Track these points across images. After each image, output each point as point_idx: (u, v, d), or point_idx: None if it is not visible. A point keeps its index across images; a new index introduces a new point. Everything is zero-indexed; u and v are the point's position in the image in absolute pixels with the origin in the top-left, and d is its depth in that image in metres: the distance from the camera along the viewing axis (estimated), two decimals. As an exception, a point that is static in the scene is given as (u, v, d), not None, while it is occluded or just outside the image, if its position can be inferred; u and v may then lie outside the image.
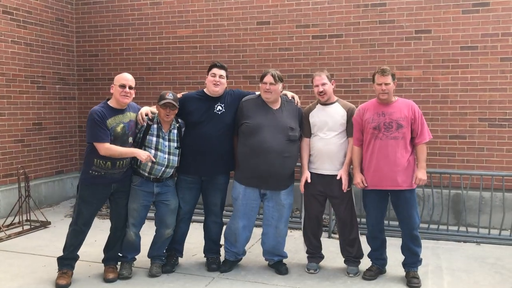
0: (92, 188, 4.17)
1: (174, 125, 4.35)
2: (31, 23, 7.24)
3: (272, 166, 4.22)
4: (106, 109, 4.09)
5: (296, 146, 4.42)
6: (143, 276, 4.45)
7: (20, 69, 7.06)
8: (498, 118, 6.27)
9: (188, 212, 4.57)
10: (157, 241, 4.52)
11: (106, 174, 4.14)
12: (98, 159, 4.08)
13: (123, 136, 4.13)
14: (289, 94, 4.57)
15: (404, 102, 4.28)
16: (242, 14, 7.21)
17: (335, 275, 4.50)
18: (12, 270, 4.64)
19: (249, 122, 4.29)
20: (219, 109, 4.40)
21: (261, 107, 4.35)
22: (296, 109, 4.48)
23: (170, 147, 4.30)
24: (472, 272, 4.62)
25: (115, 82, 4.13)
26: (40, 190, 7.30)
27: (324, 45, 6.89)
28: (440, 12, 6.41)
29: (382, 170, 4.17)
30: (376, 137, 4.19)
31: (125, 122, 4.15)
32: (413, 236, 4.27)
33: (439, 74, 6.47)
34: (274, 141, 4.22)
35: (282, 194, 4.38)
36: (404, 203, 4.23)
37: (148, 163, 4.21)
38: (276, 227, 4.45)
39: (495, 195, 5.98)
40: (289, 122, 4.32)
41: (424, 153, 4.22)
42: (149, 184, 4.31)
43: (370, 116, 4.24)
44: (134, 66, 7.79)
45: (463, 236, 5.68)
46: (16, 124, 7.01)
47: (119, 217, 4.37)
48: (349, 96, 6.64)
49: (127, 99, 4.13)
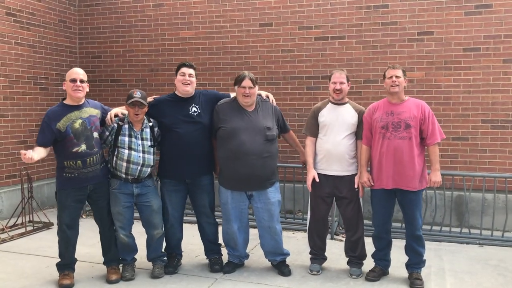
0: (68, 191, 4.14)
1: (146, 124, 4.33)
2: (34, 25, 7.27)
3: (253, 168, 4.22)
4: (60, 108, 4.09)
5: (275, 145, 4.43)
6: (145, 278, 4.45)
7: (23, 70, 7.08)
8: (500, 119, 6.27)
9: (178, 217, 4.56)
10: (150, 243, 4.51)
11: (79, 175, 4.11)
12: (67, 161, 4.07)
13: (85, 131, 4.09)
14: (264, 94, 4.57)
15: (415, 102, 4.26)
16: (244, 16, 7.23)
17: (338, 277, 4.49)
18: (15, 271, 4.65)
19: (226, 126, 4.30)
20: (194, 110, 4.39)
21: (236, 110, 4.35)
22: (271, 108, 4.49)
23: (143, 145, 4.27)
24: (475, 273, 4.61)
25: (66, 78, 4.11)
26: (42, 191, 7.32)
27: (326, 46, 6.90)
28: (442, 13, 6.41)
29: (389, 170, 4.16)
30: (384, 136, 4.17)
31: (83, 118, 4.12)
32: (416, 236, 4.27)
33: (441, 76, 6.47)
34: (253, 143, 4.23)
35: (269, 192, 4.39)
36: (409, 203, 4.22)
37: (123, 164, 4.19)
38: (269, 227, 4.44)
39: (497, 197, 5.97)
40: (265, 123, 4.33)
41: (436, 155, 4.19)
42: (128, 185, 4.28)
43: (379, 115, 4.23)
44: (137, 67, 7.81)
45: (466, 238, 5.67)
46: (19, 126, 7.03)
47: (102, 218, 4.36)
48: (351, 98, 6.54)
49: (80, 93, 4.09)
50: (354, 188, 4.40)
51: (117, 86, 7.88)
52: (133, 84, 7.71)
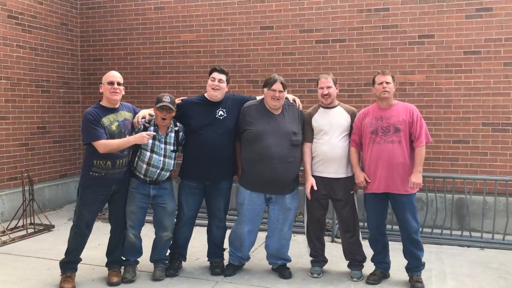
0: (92, 190, 4.18)
1: (172, 128, 4.36)
2: (36, 28, 7.29)
3: (276, 171, 4.23)
4: (99, 109, 4.14)
5: (299, 150, 4.43)
6: (146, 280, 4.45)
7: (24, 73, 7.10)
8: (501, 122, 6.27)
9: (192, 217, 4.58)
10: (157, 244, 4.52)
11: (106, 175, 4.15)
12: (98, 160, 4.10)
13: (120, 135, 4.15)
14: (290, 98, 4.57)
15: (403, 105, 4.31)
16: (245, 19, 7.25)
17: (338, 279, 4.49)
18: (16, 273, 4.65)
19: (252, 128, 4.30)
20: (220, 114, 4.41)
21: (263, 113, 4.36)
22: (298, 112, 4.48)
23: (166, 149, 4.30)
24: (476, 277, 4.61)
25: (103, 81, 4.19)
26: (44, 193, 7.32)
27: (327, 49, 6.91)
28: (443, 17, 6.43)
29: (379, 174, 4.20)
30: (373, 141, 4.23)
31: (119, 121, 4.18)
32: (412, 239, 4.27)
33: (442, 79, 6.48)
34: (278, 147, 4.23)
35: (287, 197, 4.39)
36: (401, 207, 4.24)
37: (143, 166, 4.22)
38: (281, 230, 4.46)
39: (498, 200, 5.97)
40: (291, 127, 4.33)
41: (420, 157, 4.19)
42: (146, 186, 4.32)
43: (369, 120, 4.29)
44: (138, 70, 7.82)
45: (466, 241, 5.66)
46: (20, 128, 7.05)
47: (117, 218, 4.39)
48: (352, 100, 6.65)
49: (117, 95, 4.16)
50: (350, 191, 4.43)
51: (118, 89, 7.90)
52: (134, 87, 7.73)
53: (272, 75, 4.38)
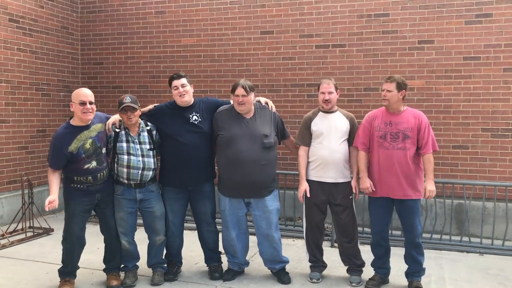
0: (77, 201, 4.16)
1: (143, 128, 4.35)
2: (37, 31, 7.31)
3: (250, 175, 4.23)
4: (69, 131, 4.07)
5: (273, 152, 4.43)
6: (145, 285, 4.45)
7: (25, 76, 7.11)
8: (501, 128, 6.28)
9: (179, 225, 4.57)
10: (151, 249, 4.52)
11: (89, 187, 4.15)
12: (78, 177, 4.10)
13: (96, 150, 4.13)
14: (263, 100, 4.57)
15: (412, 112, 4.29)
16: (246, 24, 7.26)
17: (337, 285, 4.49)
18: (15, 276, 4.65)
19: (224, 133, 4.32)
20: (195, 118, 4.40)
21: (234, 118, 4.36)
22: (270, 114, 4.48)
23: (142, 149, 4.29)
24: (475, 282, 4.60)
25: (74, 100, 4.03)
26: (43, 197, 7.30)
27: (327, 54, 6.93)
28: (443, 22, 6.45)
29: (387, 180, 4.19)
30: (381, 146, 4.21)
31: (93, 137, 4.13)
32: (415, 244, 4.27)
33: (442, 84, 6.49)
34: (250, 150, 4.24)
35: (267, 200, 4.38)
36: (408, 211, 4.23)
37: (124, 170, 4.23)
38: (267, 234, 4.45)
39: (498, 205, 5.97)
40: (262, 130, 4.33)
41: (430, 164, 4.19)
42: (131, 191, 4.31)
43: (377, 124, 4.27)
44: (139, 74, 7.84)
45: (466, 246, 5.66)
46: (20, 131, 7.05)
47: (108, 227, 4.36)
48: (352, 105, 6.66)
49: (89, 115, 4.06)
50: (349, 195, 4.42)
51: (118, 92, 7.89)
52: (134, 91, 7.73)
53: (237, 81, 4.38)
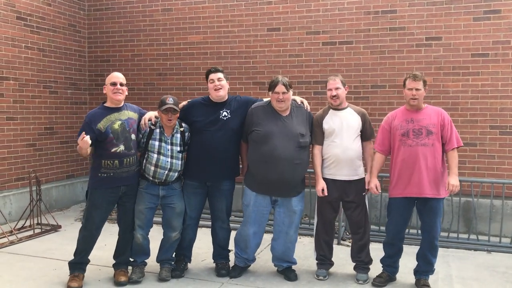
0: (102, 191, 4.22)
1: (177, 129, 4.39)
2: (44, 29, 7.34)
3: (283, 173, 4.21)
4: (101, 110, 4.24)
5: (307, 152, 4.42)
6: (152, 281, 4.47)
7: (32, 74, 7.15)
8: (509, 125, 6.24)
9: (195, 218, 4.59)
10: (164, 244, 4.54)
11: (115, 175, 4.19)
12: (105, 160, 4.16)
13: (124, 133, 4.21)
14: (298, 99, 4.55)
15: (433, 109, 4.26)
16: (252, 21, 7.25)
17: (344, 282, 4.48)
18: (23, 273, 4.68)
19: (260, 129, 4.29)
20: (224, 114, 4.41)
21: (270, 115, 4.35)
22: (306, 114, 4.46)
23: (172, 151, 4.33)
24: (483, 281, 4.58)
25: (106, 82, 4.29)
26: (51, 194, 7.36)
27: (334, 51, 6.91)
28: (451, 19, 6.40)
29: (410, 178, 4.13)
30: (404, 143, 4.16)
31: (122, 119, 4.24)
32: (433, 245, 4.22)
33: (449, 81, 6.45)
34: (285, 148, 4.22)
35: (293, 200, 4.38)
36: (429, 211, 4.18)
37: (151, 168, 4.27)
38: (287, 233, 4.45)
39: (506, 203, 5.93)
40: (299, 129, 4.31)
41: (455, 159, 4.17)
42: (155, 187, 4.37)
43: (398, 123, 4.22)
44: (145, 71, 7.85)
45: (473, 244, 5.64)
46: (28, 129, 7.09)
47: (126, 221, 4.41)
48: (359, 102, 6.61)
49: (120, 95, 4.25)
50: (362, 192, 4.40)
51: (125, 90, 7.93)
52: (141, 88, 7.76)
53: (275, 77, 4.35)
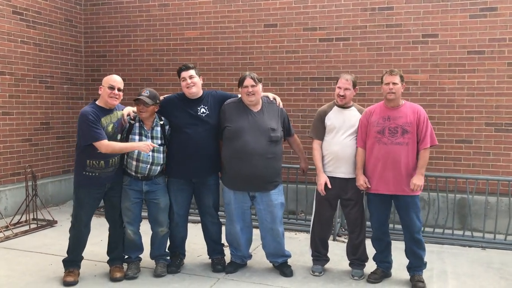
0: (88, 189, 4.20)
1: (157, 123, 4.38)
2: (40, 24, 7.31)
3: (255, 168, 4.24)
4: (97, 109, 4.13)
5: (279, 146, 4.44)
6: (148, 277, 4.47)
7: (29, 68, 7.12)
8: (504, 123, 6.26)
9: (183, 215, 4.60)
10: (154, 240, 4.55)
11: (100, 174, 4.17)
12: (90, 160, 4.10)
13: (113, 135, 4.19)
14: (271, 96, 4.59)
15: (411, 106, 4.27)
16: (249, 17, 7.24)
17: (340, 278, 4.50)
18: (19, 268, 4.68)
19: (231, 125, 4.32)
20: (202, 111, 4.41)
21: (242, 110, 4.37)
22: (278, 110, 4.49)
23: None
24: (478, 277, 4.61)
25: (104, 84, 4.16)
26: (47, 189, 7.35)
27: (331, 48, 6.91)
28: (447, 16, 6.41)
29: (385, 176, 4.18)
30: (379, 141, 4.20)
31: (114, 122, 4.22)
32: (415, 239, 4.27)
33: (445, 78, 6.47)
34: (256, 143, 4.24)
35: (272, 194, 4.39)
36: (405, 207, 4.23)
37: (133, 162, 4.27)
38: (272, 229, 4.46)
39: (501, 200, 5.96)
40: (270, 123, 4.34)
41: (424, 159, 4.16)
42: (138, 182, 4.36)
43: (375, 119, 4.25)
44: (142, 67, 7.84)
45: (468, 241, 5.67)
46: (24, 123, 7.07)
47: (113, 216, 4.41)
48: (355, 99, 6.54)
49: (116, 101, 4.17)
50: (359, 190, 4.42)
51: (121, 85, 7.91)
52: (138, 83, 7.74)
53: (243, 73, 4.42)
